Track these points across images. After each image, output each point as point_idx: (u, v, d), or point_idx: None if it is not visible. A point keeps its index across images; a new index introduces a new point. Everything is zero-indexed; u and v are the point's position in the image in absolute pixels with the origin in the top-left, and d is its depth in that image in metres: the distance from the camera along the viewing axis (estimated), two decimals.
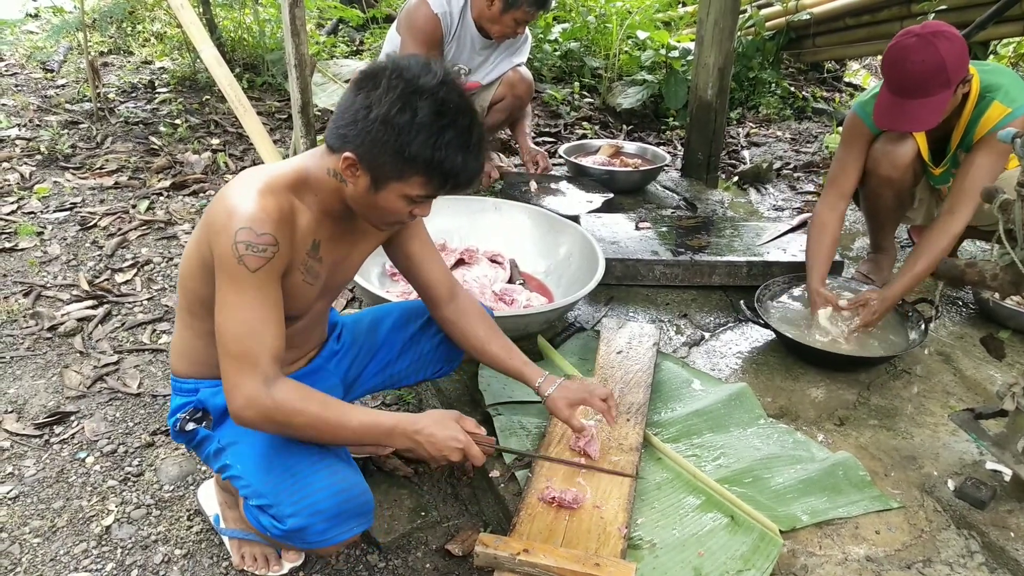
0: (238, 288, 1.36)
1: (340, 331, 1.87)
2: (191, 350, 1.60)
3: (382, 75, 1.35)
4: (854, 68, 7.10)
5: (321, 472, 1.46)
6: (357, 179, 1.40)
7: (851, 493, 1.85)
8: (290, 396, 1.39)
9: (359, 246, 1.66)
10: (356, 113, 1.36)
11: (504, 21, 3.19)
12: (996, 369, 2.42)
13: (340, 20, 6.13)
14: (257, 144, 3.48)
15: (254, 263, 1.35)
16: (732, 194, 3.96)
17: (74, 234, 3.22)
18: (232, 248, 1.33)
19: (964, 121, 2.37)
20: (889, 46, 2.26)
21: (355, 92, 1.38)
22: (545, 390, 1.77)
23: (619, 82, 5.30)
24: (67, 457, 2.10)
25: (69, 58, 5.41)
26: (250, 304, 1.37)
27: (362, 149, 1.36)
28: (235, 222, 1.34)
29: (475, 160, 1.40)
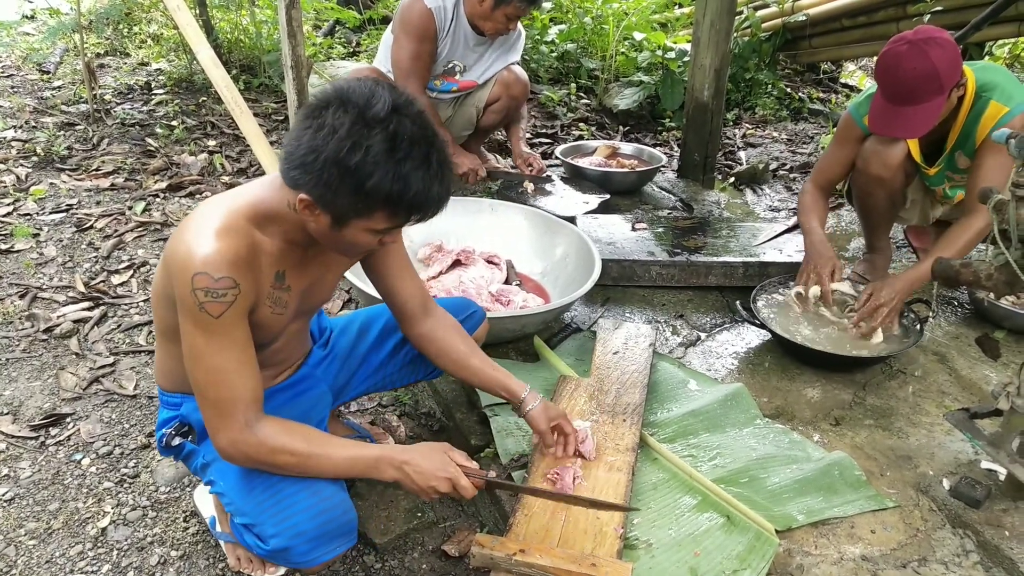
0: (204, 334, 1.33)
1: (329, 336, 1.87)
2: (170, 369, 1.58)
3: (326, 111, 1.27)
4: (850, 69, 7.11)
5: (302, 492, 1.43)
6: (317, 218, 1.34)
7: (847, 493, 1.86)
8: (273, 436, 1.39)
9: (332, 268, 1.61)
10: (304, 156, 1.27)
11: (495, 17, 3.19)
12: (991, 369, 2.42)
13: (337, 22, 6.13)
14: (253, 145, 3.48)
15: (216, 309, 1.31)
16: (728, 195, 3.96)
17: (70, 236, 3.22)
18: (191, 295, 1.29)
19: (960, 122, 2.38)
20: (882, 53, 2.27)
21: (302, 129, 1.29)
22: (529, 404, 1.75)
23: (616, 83, 5.30)
24: (63, 459, 2.10)
25: (65, 60, 5.39)
26: (218, 350, 1.34)
27: (316, 191, 1.29)
28: (191, 266, 1.28)
29: (440, 186, 1.33)
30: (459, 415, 2.17)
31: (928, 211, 2.83)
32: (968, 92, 2.34)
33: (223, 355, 1.34)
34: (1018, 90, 2.31)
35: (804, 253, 2.58)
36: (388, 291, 1.72)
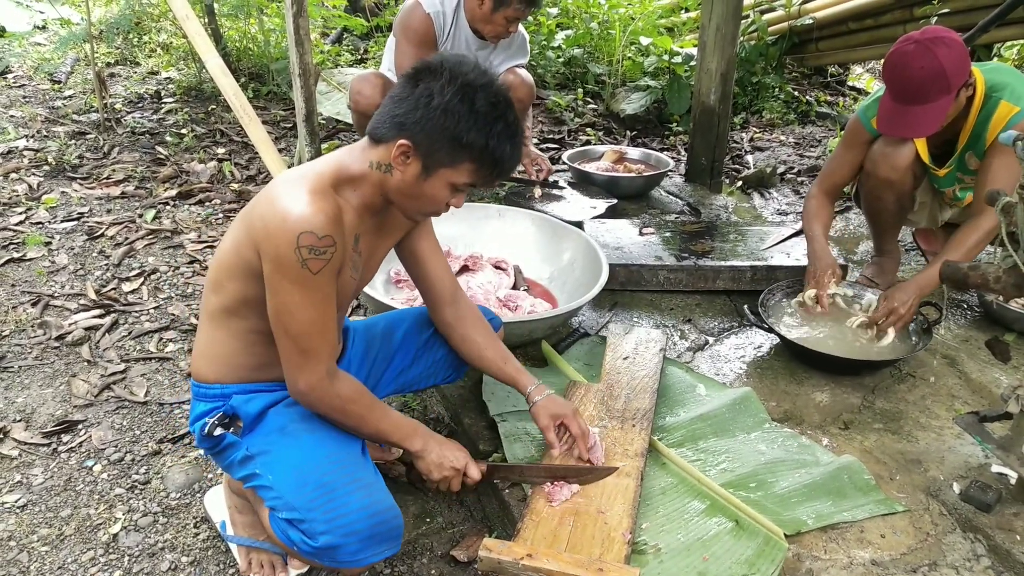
0: (302, 290, 1.41)
1: (353, 338, 1.88)
2: (224, 353, 1.59)
3: (441, 69, 1.43)
4: (857, 72, 7.10)
5: (358, 492, 1.46)
6: (407, 166, 1.46)
7: (856, 497, 1.85)
8: (347, 391, 1.54)
9: (385, 241, 1.71)
10: (417, 101, 1.42)
11: (496, 20, 3.18)
12: (1001, 372, 2.41)
13: (344, 29, 6.16)
14: (262, 153, 3.50)
15: (317, 266, 1.40)
16: (736, 199, 3.96)
17: (81, 244, 3.25)
18: (295, 252, 1.37)
19: (971, 122, 2.38)
20: (889, 53, 2.27)
21: (412, 84, 1.45)
22: (534, 397, 1.81)
23: (622, 88, 5.31)
24: (75, 465, 2.11)
25: (76, 69, 5.45)
26: (314, 304, 1.43)
27: (420, 136, 1.42)
28: (294, 226, 1.36)
29: (518, 151, 1.51)
30: (467, 420, 2.17)
31: (937, 214, 2.82)
32: (978, 93, 2.33)
33: (317, 309, 1.44)
34: None
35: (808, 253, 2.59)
36: (422, 273, 1.82)
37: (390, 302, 2.30)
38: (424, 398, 2.38)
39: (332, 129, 4.66)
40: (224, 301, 1.54)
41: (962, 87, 2.24)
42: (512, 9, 3.14)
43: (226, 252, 1.52)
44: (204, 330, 1.62)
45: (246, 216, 1.48)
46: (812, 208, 2.66)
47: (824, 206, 2.66)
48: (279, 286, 1.41)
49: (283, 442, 1.54)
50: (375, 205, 1.55)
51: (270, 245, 1.38)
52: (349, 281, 1.57)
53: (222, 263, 1.53)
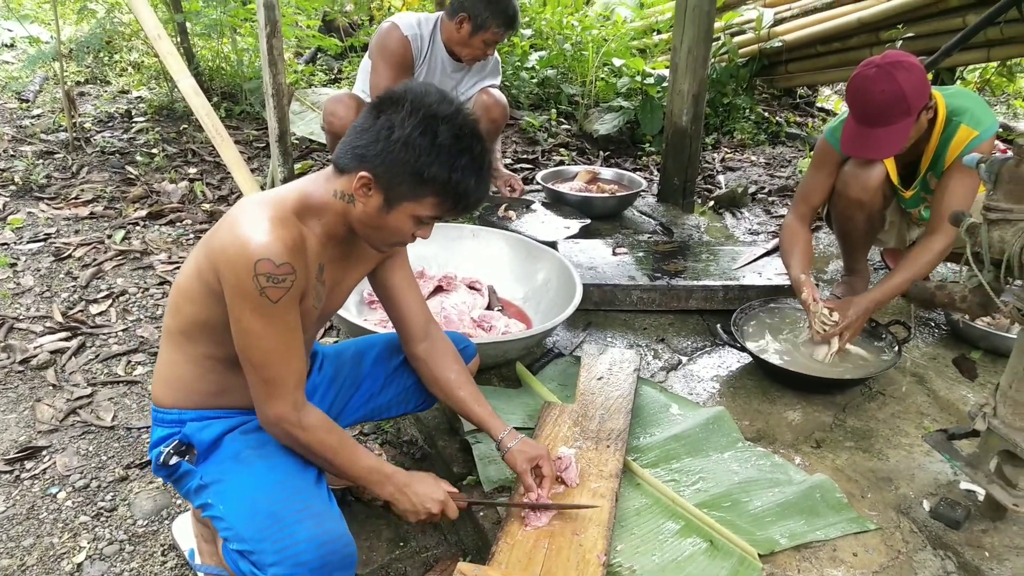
0: (261, 318, 1.39)
1: (321, 362, 1.86)
2: (181, 377, 1.56)
3: (403, 100, 1.41)
4: (826, 93, 7.23)
5: (307, 522, 1.42)
6: (369, 198, 1.44)
7: (829, 515, 1.86)
8: (317, 425, 1.50)
9: (352, 272, 1.67)
10: (378, 134, 1.41)
11: (474, 44, 3.22)
12: (969, 389, 2.45)
13: (318, 49, 6.16)
14: (234, 173, 3.48)
15: (276, 294, 1.38)
16: (708, 219, 4.00)
17: (48, 265, 3.19)
18: (253, 280, 1.35)
19: (933, 145, 2.43)
20: (851, 77, 2.32)
21: (375, 115, 1.43)
22: (507, 443, 1.76)
23: (595, 109, 5.36)
24: (38, 493, 2.07)
25: (45, 88, 5.38)
26: (275, 333, 1.41)
27: (380, 168, 1.41)
28: (253, 253, 1.35)
29: (484, 185, 1.49)
30: (441, 443, 2.16)
31: (905, 234, 2.87)
32: (939, 116, 2.39)
33: (279, 337, 1.42)
34: (986, 115, 2.37)
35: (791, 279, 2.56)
36: (394, 306, 1.79)
37: (363, 323, 2.28)
38: (397, 421, 2.36)
39: (305, 149, 4.65)
40: (181, 324, 1.52)
41: (923, 110, 2.29)
42: (491, 32, 3.17)
43: (187, 275, 1.50)
44: (163, 353, 1.59)
45: (208, 240, 1.46)
46: (786, 238, 2.65)
47: (798, 233, 2.65)
48: (240, 314, 1.40)
49: (236, 470, 1.51)
50: (339, 234, 1.53)
51: (230, 271, 1.37)
52: (311, 310, 1.54)
53: (182, 286, 1.51)
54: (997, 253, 1.63)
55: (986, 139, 2.33)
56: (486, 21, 3.14)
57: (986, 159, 1.67)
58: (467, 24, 3.16)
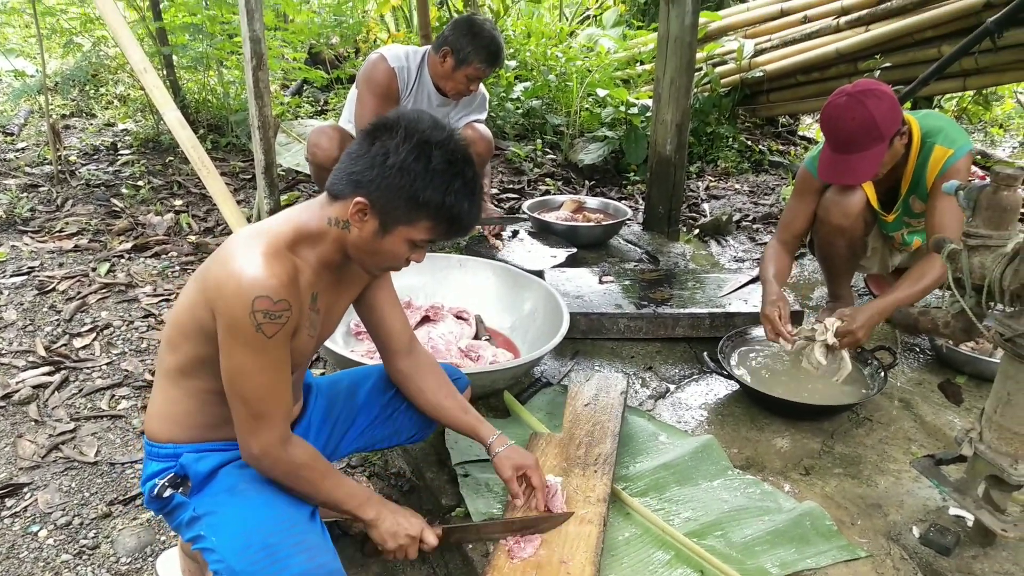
0: (256, 354, 1.39)
1: (316, 395, 1.85)
2: (178, 412, 1.55)
3: (397, 126, 1.44)
4: (807, 122, 7.34)
5: (300, 555, 1.41)
6: (364, 224, 1.45)
7: (819, 543, 1.85)
8: (301, 456, 1.50)
9: (344, 296, 1.68)
10: (373, 159, 1.42)
11: (457, 78, 3.25)
12: (955, 414, 2.46)
13: (304, 81, 6.20)
14: (220, 205, 3.48)
15: (272, 330, 1.37)
16: (693, 247, 4.02)
17: (31, 299, 3.16)
18: (250, 317, 1.35)
19: (910, 168, 2.48)
20: (824, 106, 2.38)
21: (369, 141, 1.45)
22: (496, 448, 1.78)
23: (580, 139, 5.41)
24: (19, 531, 2.03)
25: (30, 121, 5.38)
26: (267, 368, 1.41)
27: (376, 194, 1.42)
28: (249, 290, 1.34)
29: (477, 208, 1.51)
30: (429, 475, 2.14)
31: (887, 259, 2.90)
32: (915, 139, 2.44)
33: (271, 373, 1.42)
34: (959, 134, 2.45)
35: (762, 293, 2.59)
36: (379, 324, 1.79)
37: (349, 355, 2.27)
38: (385, 453, 2.35)
39: (292, 180, 4.65)
40: (179, 361, 1.51)
41: (895, 135, 2.34)
42: (473, 68, 3.20)
43: (181, 312, 1.49)
44: (159, 389, 1.57)
45: (201, 276, 1.46)
46: (767, 255, 2.71)
47: (780, 254, 2.70)
48: (232, 349, 1.39)
49: (230, 502, 1.49)
50: (334, 261, 1.53)
51: (225, 308, 1.36)
52: (307, 340, 1.54)
53: (177, 323, 1.50)
54: (978, 279, 1.65)
55: (961, 156, 2.38)
56: (468, 56, 3.17)
57: (964, 186, 1.70)
58: (450, 58, 3.19)
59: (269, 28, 5.02)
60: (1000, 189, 1.61)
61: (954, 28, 4.82)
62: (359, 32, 6.77)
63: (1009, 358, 1.66)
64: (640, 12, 7.52)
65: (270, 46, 4.85)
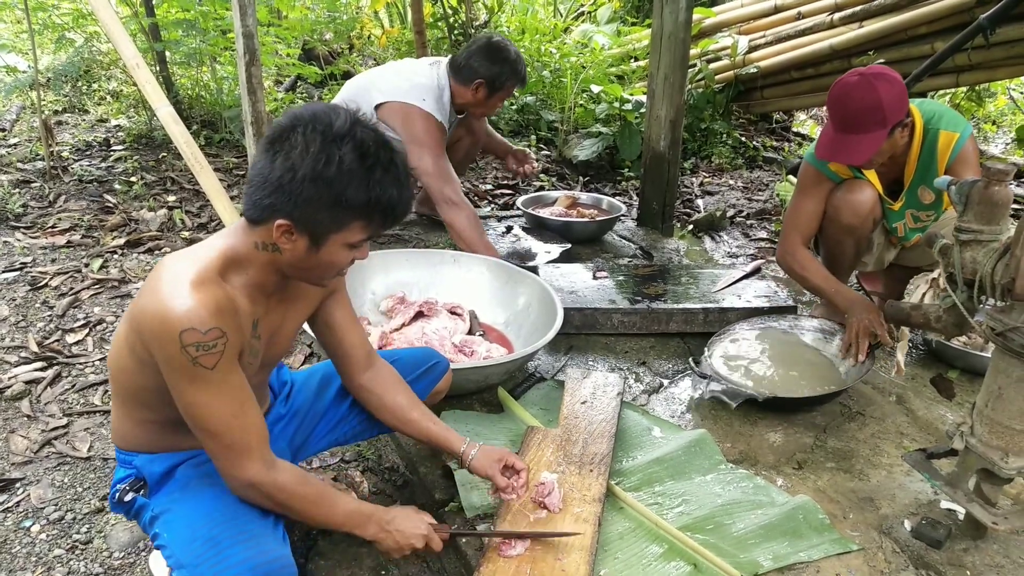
0: (204, 387, 1.33)
1: (290, 390, 1.84)
2: (130, 433, 1.56)
3: (294, 133, 1.33)
4: (801, 118, 7.35)
5: (242, 544, 1.40)
6: (295, 243, 1.38)
7: (811, 537, 1.86)
8: (290, 481, 1.45)
9: (291, 315, 1.61)
10: (280, 178, 1.32)
11: (491, 104, 3.39)
12: (947, 408, 2.47)
13: (298, 77, 6.18)
14: (214, 201, 3.47)
15: (210, 361, 1.31)
16: (687, 242, 4.03)
17: (23, 294, 3.15)
18: (182, 352, 1.29)
19: (914, 157, 2.49)
20: (834, 83, 2.40)
21: (270, 157, 1.34)
22: (469, 454, 1.76)
23: (575, 135, 5.40)
24: (11, 526, 2.02)
25: (22, 117, 5.35)
26: (222, 398, 1.35)
27: (296, 212, 1.34)
28: (176, 324, 1.28)
29: (407, 190, 1.43)
30: (423, 469, 2.14)
31: (884, 255, 2.90)
32: (917, 127, 2.45)
33: (230, 401, 1.36)
34: (958, 116, 2.49)
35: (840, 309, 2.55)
36: (337, 342, 1.75)
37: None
38: (378, 448, 2.35)
39: None
40: (121, 390, 1.51)
41: (898, 126, 2.34)
42: (506, 91, 3.35)
43: (119, 345, 1.45)
44: (113, 407, 1.57)
45: (130, 311, 1.40)
46: (807, 260, 2.65)
47: (811, 257, 2.67)
48: (179, 386, 1.34)
49: (182, 499, 1.50)
50: (269, 284, 1.47)
51: (157, 346, 1.31)
52: (246, 367, 1.46)
53: (115, 357, 1.47)
54: (970, 274, 1.66)
55: (967, 138, 2.43)
56: (503, 83, 3.30)
57: (956, 181, 1.71)
58: (483, 89, 3.29)
59: (262, 24, 5.00)
60: (992, 184, 1.62)
61: (947, 24, 4.83)
62: (353, 28, 6.75)
63: (1000, 353, 1.67)
64: (634, 8, 7.52)
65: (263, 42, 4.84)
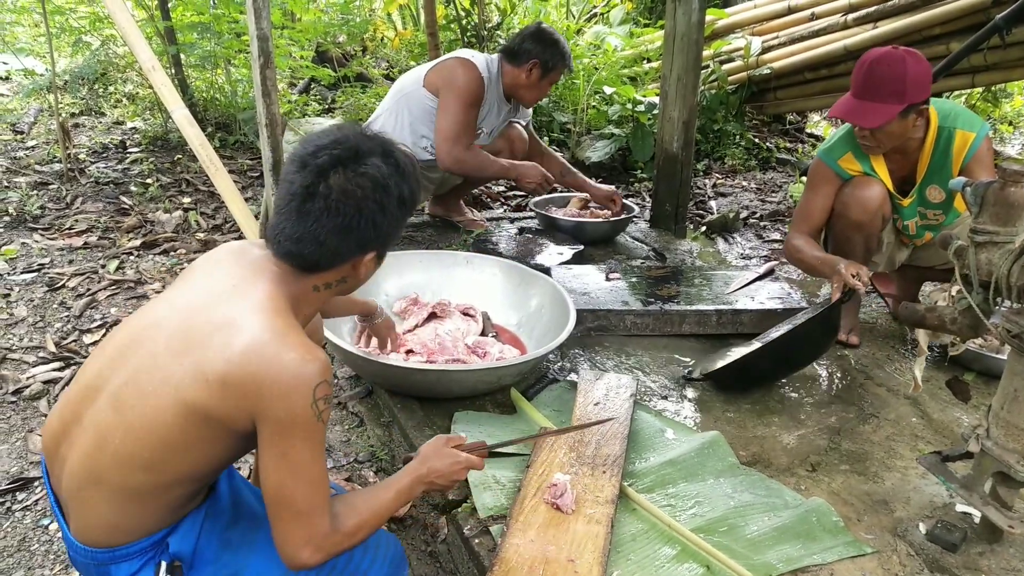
0: (312, 445, 1.26)
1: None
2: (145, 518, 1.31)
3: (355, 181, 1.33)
4: (815, 119, 7.32)
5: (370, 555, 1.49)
6: (368, 265, 1.44)
7: (825, 539, 1.86)
8: (346, 522, 1.33)
9: None
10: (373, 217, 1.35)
11: (542, 87, 3.45)
12: (962, 411, 2.46)
13: (312, 79, 6.22)
14: (228, 202, 3.50)
15: (328, 415, 1.28)
16: (700, 244, 4.02)
17: (41, 295, 3.19)
18: (312, 407, 1.23)
19: (927, 155, 2.49)
20: (865, 53, 2.43)
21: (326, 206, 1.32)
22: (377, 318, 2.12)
23: (587, 136, 5.41)
24: (30, 524, 2.05)
25: (40, 119, 5.41)
26: (318, 458, 1.29)
27: (381, 241, 1.41)
28: (312, 379, 1.23)
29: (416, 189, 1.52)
30: None
31: (895, 256, 2.89)
32: (932, 125, 2.45)
33: (321, 461, 1.30)
34: (974, 116, 2.51)
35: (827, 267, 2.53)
36: None
37: (355, 351, 2.28)
38: (392, 447, 2.36)
39: None
40: (158, 479, 1.27)
41: (914, 109, 2.35)
42: (557, 73, 3.43)
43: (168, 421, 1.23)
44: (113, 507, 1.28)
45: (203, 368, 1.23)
46: (801, 245, 2.67)
47: (810, 242, 2.69)
48: (289, 447, 1.24)
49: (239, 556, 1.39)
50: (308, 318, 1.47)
51: (282, 405, 1.21)
52: None
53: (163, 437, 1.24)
54: (985, 275, 1.65)
55: (983, 138, 2.43)
56: (556, 64, 3.37)
57: (971, 183, 1.70)
58: (537, 69, 3.36)
59: (276, 27, 5.04)
60: (1008, 185, 1.61)
61: (962, 25, 4.80)
62: (366, 30, 6.78)
63: (1016, 354, 1.66)
64: (647, 10, 7.52)
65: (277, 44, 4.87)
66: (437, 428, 2.25)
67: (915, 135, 2.45)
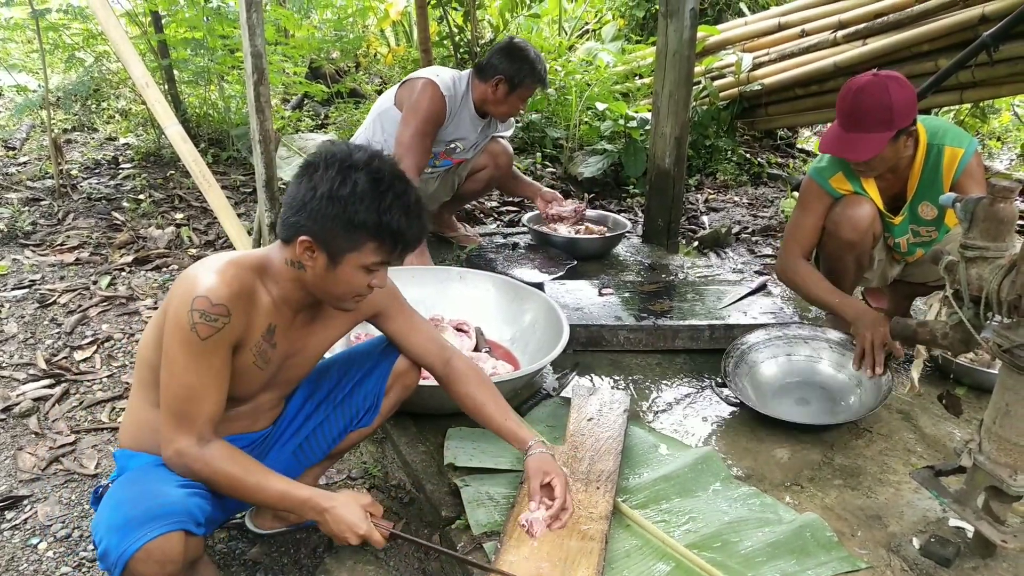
0: (187, 353, 1.45)
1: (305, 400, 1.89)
2: (147, 425, 1.60)
3: (318, 161, 1.50)
4: (806, 135, 7.37)
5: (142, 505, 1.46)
6: (315, 260, 1.52)
7: (819, 555, 1.85)
8: (217, 458, 1.50)
9: (316, 337, 1.73)
10: (303, 198, 1.49)
11: (511, 102, 3.39)
12: (955, 426, 2.46)
13: (305, 95, 6.23)
14: (221, 218, 3.49)
15: (205, 331, 1.44)
16: (692, 259, 4.04)
17: (32, 312, 3.17)
18: (188, 315, 1.43)
19: (917, 172, 2.50)
20: (847, 81, 2.42)
21: (297, 183, 1.52)
22: (532, 451, 1.85)
23: (580, 152, 5.43)
24: (18, 544, 2.02)
25: (32, 135, 5.40)
26: (195, 370, 1.46)
27: (316, 227, 1.48)
28: (194, 291, 1.43)
29: (418, 220, 1.55)
30: (429, 486, 2.14)
31: (887, 271, 2.90)
32: (921, 142, 2.46)
33: (198, 375, 1.46)
34: (962, 132, 2.52)
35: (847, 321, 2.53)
36: (405, 349, 1.90)
37: None
38: (385, 464, 2.35)
39: None
40: (145, 373, 1.59)
41: (903, 132, 2.36)
42: (525, 89, 3.35)
43: (153, 321, 1.57)
44: (132, 399, 1.66)
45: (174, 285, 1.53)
46: (808, 273, 2.66)
47: (815, 272, 2.68)
48: (169, 345, 1.46)
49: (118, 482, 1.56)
50: (295, 300, 1.61)
51: (171, 307, 1.46)
52: (252, 369, 1.59)
53: (148, 333, 1.58)
54: (976, 290, 1.66)
55: (972, 154, 2.44)
56: (522, 80, 3.31)
57: (961, 198, 1.71)
58: (503, 85, 3.32)
59: (270, 43, 5.06)
60: (997, 201, 1.62)
61: (950, 42, 4.85)
62: (359, 47, 6.81)
63: (1007, 369, 1.67)
64: (639, 26, 7.57)
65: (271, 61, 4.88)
66: (430, 444, 2.24)
67: (905, 154, 2.47)
